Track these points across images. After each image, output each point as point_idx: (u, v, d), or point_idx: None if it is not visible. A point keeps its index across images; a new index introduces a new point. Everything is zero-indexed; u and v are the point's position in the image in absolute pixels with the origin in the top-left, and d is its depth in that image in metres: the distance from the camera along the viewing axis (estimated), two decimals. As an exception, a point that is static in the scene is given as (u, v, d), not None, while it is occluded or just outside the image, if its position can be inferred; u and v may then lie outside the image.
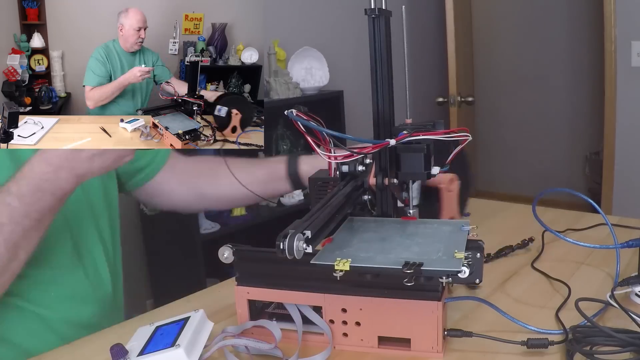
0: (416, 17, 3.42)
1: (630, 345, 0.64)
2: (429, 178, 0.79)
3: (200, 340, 0.70)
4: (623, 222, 1.13)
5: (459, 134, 0.75)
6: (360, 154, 0.75)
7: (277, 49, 2.48)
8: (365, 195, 0.84)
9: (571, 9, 3.72)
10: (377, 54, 0.78)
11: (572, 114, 3.87)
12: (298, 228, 0.62)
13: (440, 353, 0.70)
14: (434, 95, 3.10)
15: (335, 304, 0.72)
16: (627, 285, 0.82)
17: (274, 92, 2.36)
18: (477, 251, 0.66)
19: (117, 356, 0.66)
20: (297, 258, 0.60)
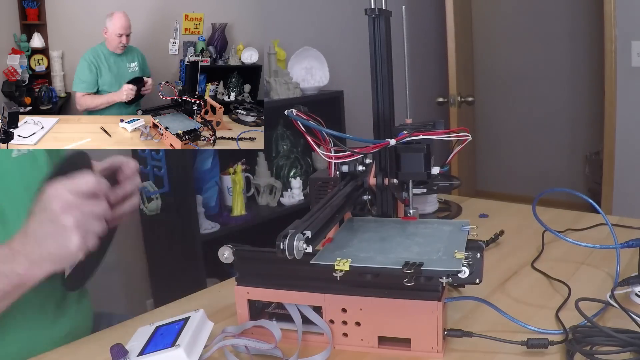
0: (416, 17, 3.42)
1: (630, 345, 0.64)
2: (429, 178, 0.79)
3: (200, 340, 0.70)
4: (623, 222, 1.13)
5: (459, 134, 0.76)
6: (361, 153, 0.75)
7: (277, 49, 2.48)
8: (365, 195, 0.84)
9: (571, 9, 3.72)
10: (377, 53, 0.78)
11: (572, 114, 3.87)
12: (298, 228, 0.62)
13: (441, 353, 0.70)
14: (434, 95, 3.10)
15: (335, 304, 0.72)
16: (627, 285, 0.82)
17: (274, 92, 2.36)
18: (477, 251, 0.66)
19: (117, 356, 0.66)
20: (297, 258, 0.60)
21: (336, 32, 2.95)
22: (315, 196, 0.93)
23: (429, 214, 1.28)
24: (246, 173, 2.33)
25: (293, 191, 2.44)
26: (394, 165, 0.79)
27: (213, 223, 2.17)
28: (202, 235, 2.11)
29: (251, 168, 2.37)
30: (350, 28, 2.95)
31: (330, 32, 2.93)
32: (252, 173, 2.37)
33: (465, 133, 0.76)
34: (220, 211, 2.26)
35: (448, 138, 0.76)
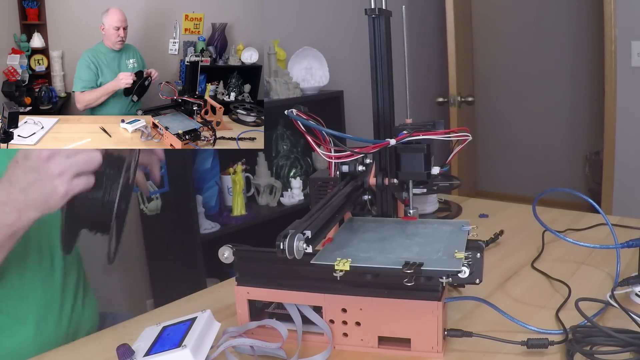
0: (416, 17, 3.42)
1: (630, 345, 0.64)
2: (429, 178, 0.79)
3: (207, 340, 0.70)
4: (623, 222, 1.13)
5: (459, 134, 0.76)
6: (361, 153, 0.75)
7: (277, 49, 2.48)
8: (365, 195, 0.84)
9: (571, 9, 3.72)
10: (377, 53, 0.78)
11: (572, 114, 3.87)
12: (298, 228, 0.62)
13: (441, 353, 0.70)
14: (434, 95, 3.10)
15: (335, 304, 0.72)
16: (627, 285, 0.82)
17: (274, 92, 2.36)
18: (477, 251, 0.66)
19: (123, 356, 0.65)
20: (297, 258, 0.60)
21: (336, 32, 2.95)
22: (315, 196, 0.93)
23: (429, 214, 1.28)
24: (246, 173, 2.33)
25: (293, 191, 2.44)
26: (394, 165, 0.79)
27: (213, 223, 2.18)
28: (202, 235, 2.11)
29: (251, 168, 2.37)
30: (350, 28, 2.95)
31: (330, 32, 2.93)
32: (252, 173, 2.37)
33: (465, 133, 0.76)
34: (220, 211, 2.26)
35: (448, 138, 0.76)
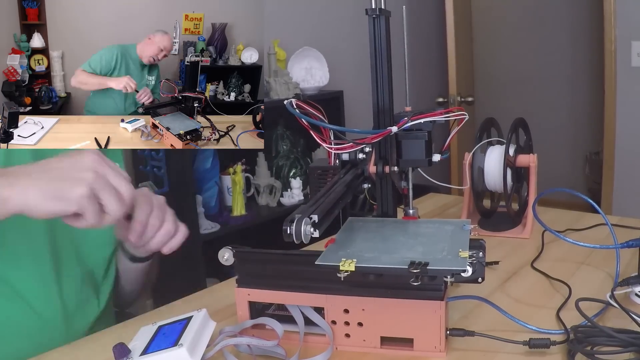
0: (416, 17, 3.41)
1: (631, 345, 0.64)
2: (430, 165, 0.79)
3: (202, 339, 0.70)
4: (623, 222, 1.13)
5: (456, 114, 0.76)
6: (362, 144, 0.75)
7: (277, 49, 2.48)
8: (365, 184, 0.84)
9: (571, 9, 3.72)
10: (378, 53, 0.78)
11: (572, 114, 3.87)
12: (305, 213, 0.62)
13: (443, 352, 0.70)
14: (434, 95, 3.10)
15: (337, 304, 0.72)
16: (627, 285, 0.82)
17: (273, 92, 2.36)
18: (479, 250, 0.66)
19: (119, 355, 0.65)
20: (305, 242, 0.60)
21: (336, 32, 2.95)
22: (315, 185, 0.92)
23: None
24: (246, 173, 2.33)
25: (293, 191, 2.44)
26: (395, 153, 0.79)
27: (213, 223, 2.17)
28: (202, 235, 2.11)
29: (251, 168, 2.37)
30: (350, 28, 2.95)
31: (330, 32, 2.93)
32: (252, 173, 2.37)
33: (462, 112, 0.77)
34: (220, 211, 2.26)
35: (447, 118, 0.76)
